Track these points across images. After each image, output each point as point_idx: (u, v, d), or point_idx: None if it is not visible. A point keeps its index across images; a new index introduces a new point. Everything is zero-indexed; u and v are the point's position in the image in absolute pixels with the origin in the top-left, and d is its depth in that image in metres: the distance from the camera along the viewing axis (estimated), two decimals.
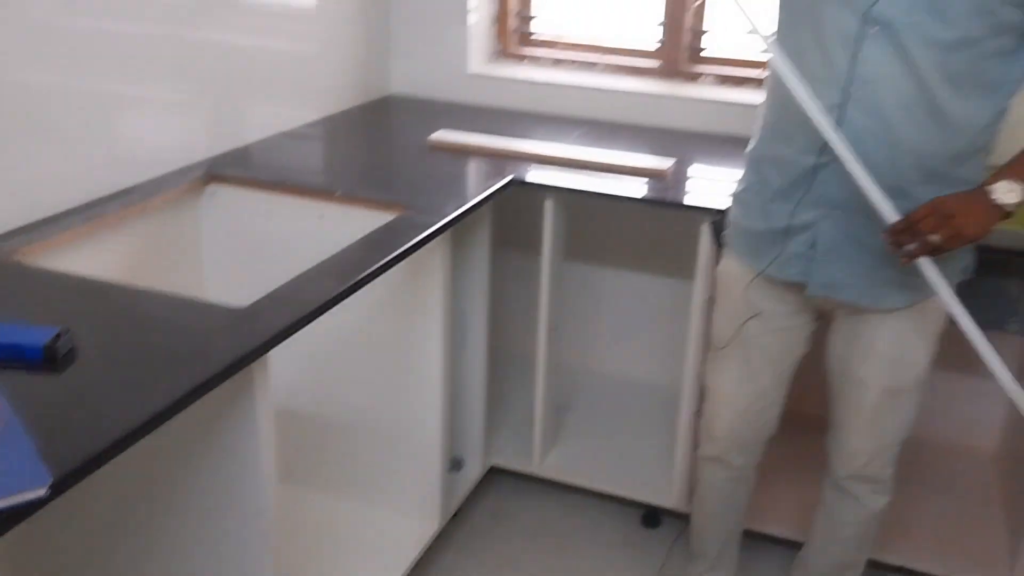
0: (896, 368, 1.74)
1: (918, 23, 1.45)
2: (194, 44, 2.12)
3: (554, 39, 2.91)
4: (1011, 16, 1.44)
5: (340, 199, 2.06)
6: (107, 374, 1.29)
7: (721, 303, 1.87)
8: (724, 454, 1.96)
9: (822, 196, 1.60)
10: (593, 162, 2.27)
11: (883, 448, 1.84)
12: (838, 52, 1.51)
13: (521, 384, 2.71)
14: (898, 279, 1.64)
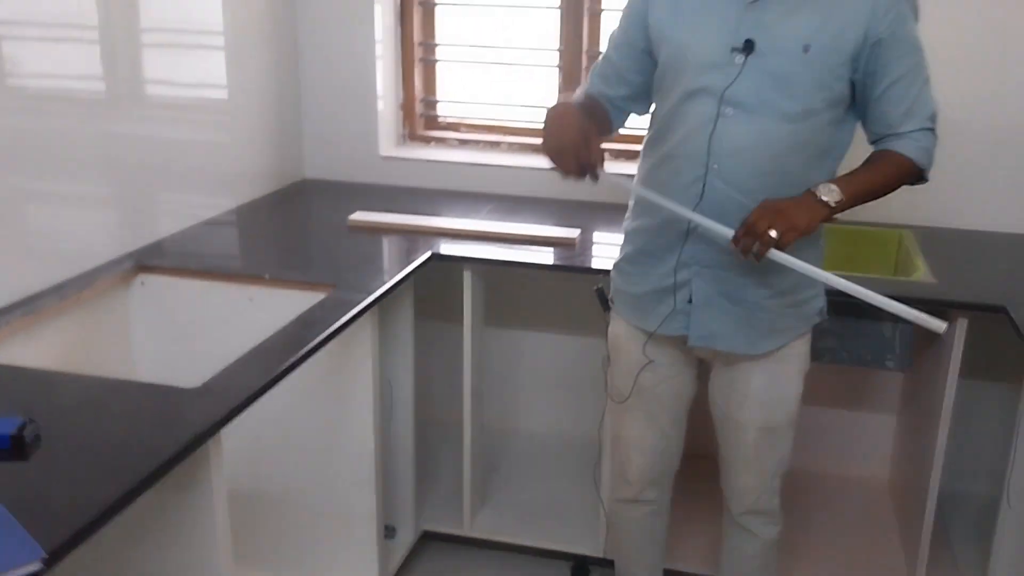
0: (770, 409, 1.92)
1: (767, 101, 1.67)
2: (114, 138, 2.20)
3: (458, 122, 3.10)
4: (842, 90, 1.70)
5: (269, 282, 2.17)
6: (75, 457, 1.36)
7: (616, 361, 2.02)
8: (640, 494, 2.10)
9: (693, 257, 1.79)
10: (507, 234, 2.44)
11: (767, 482, 2.00)
12: (699, 132, 1.71)
13: (448, 449, 2.82)
14: (766, 327, 1.83)
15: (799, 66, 1.66)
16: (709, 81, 1.69)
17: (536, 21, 2.96)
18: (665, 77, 1.78)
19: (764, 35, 1.66)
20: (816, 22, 1.65)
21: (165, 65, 2.38)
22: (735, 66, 1.67)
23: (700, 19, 1.71)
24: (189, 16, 2.48)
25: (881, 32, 1.66)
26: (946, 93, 2.56)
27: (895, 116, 1.74)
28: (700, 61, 1.70)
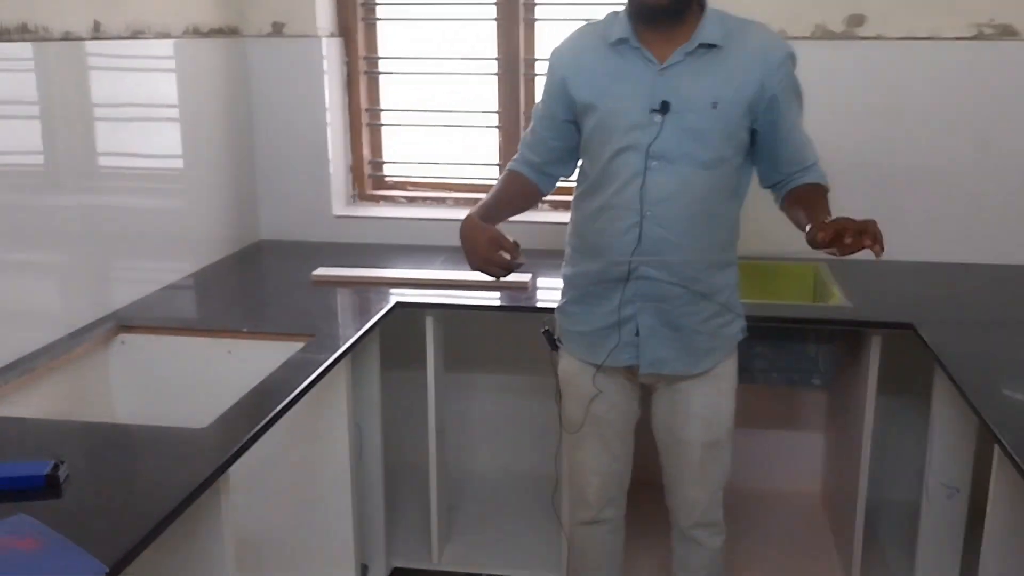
0: (711, 425, 2.13)
1: (685, 152, 1.92)
2: (89, 209, 2.32)
3: (404, 180, 3.30)
4: (745, 137, 1.97)
5: (247, 335, 2.31)
6: (104, 493, 1.49)
7: (568, 394, 2.21)
8: (599, 514, 2.28)
9: (636, 294, 2.00)
10: (464, 281, 2.63)
11: (713, 494, 2.20)
12: (631, 183, 1.94)
13: (414, 489, 2.95)
14: (703, 348, 2.06)
15: (709, 121, 1.91)
16: (635, 139, 1.92)
17: (476, 85, 3.19)
18: (594, 139, 2.00)
19: (677, 96, 1.90)
20: (720, 81, 1.91)
21: (126, 139, 2.49)
22: (655, 124, 1.91)
23: (620, 88, 1.95)
24: (148, 91, 2.61)
25: (776, 86, 1.93)
26: (850, 138, 2.89)
27: (802, 154, 2.03)
28: (626, 123, 1.94)
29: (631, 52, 1.93)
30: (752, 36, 1.96)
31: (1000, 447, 1.73)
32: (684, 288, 1.97)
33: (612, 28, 1.96)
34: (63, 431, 1.74)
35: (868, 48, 2.80)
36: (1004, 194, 2.84)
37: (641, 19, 1.92)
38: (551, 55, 2.08)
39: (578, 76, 1.99)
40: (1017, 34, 2.73)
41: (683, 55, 1.90)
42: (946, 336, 2.24)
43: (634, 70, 1.93)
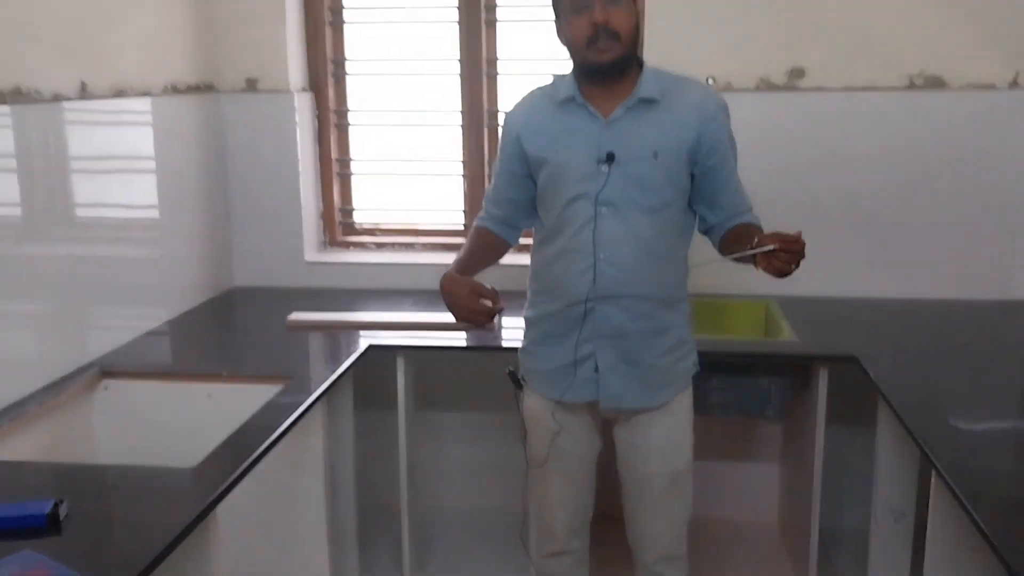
0: (671, 458, 2.25)
1: (632, 198, 2.07)
2: (69, 260, 2.40)
3: (374, 227, 3.43)
4: (686, 183, 2.13)
5: (226, 378, 2.41)
6: (102, 530, 1.58)
7: (532, 431, 2.31)
8: (565, 546, 2.38)
9: (594, 331, 2.14)
10: (433, 323, 2.75)
11: (676, 527, 2.30)
12: (584, 229, 2.09)
13: (386, 527, 3.03)
14: (660, 382, 2.19)
15: (652, 169, 2.07)
16: (585, 188, 2.07)
17: (441, 135, 3.34)
18: (548, 190, 2.15)
19: (621, 147, 2.06)
20: (660, 133, 2.07)
21: (105, 191, 2.59)
22: (603, 174, 2.06)
23: (570, 141, 2.10)
24: (127, 145, 2.72)
25: (712, 135, 2.10)
26: (794, 183, 3.06)
27: (737, 200, 2.18)
28: (576, 174, 2.09)
29: (578, 109, 2.10)
30: (687, 90, 2.13)
31: (936, 472, 1.87)
32: (639, 325, 2.12)
33: (559, 89, 2.12)
34: (58, 472, 1.83)
35: (809, 99, 2.99)
36: (939, 234, 3.02)
37: (586, 78, 2.09)
38: (505, 117, 2.24)
39: (531, 134, 2.15)
40: (946, 84, 2.93)
41: (625, 110, 2.07)
42: (887, 367, 2.40)
43: (581, 125, 2.09)
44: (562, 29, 2.07)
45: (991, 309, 2.97)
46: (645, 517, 2.29)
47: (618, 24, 1.98)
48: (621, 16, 1.98)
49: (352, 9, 3.30)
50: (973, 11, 2.87)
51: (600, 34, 1.98)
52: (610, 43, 1.99)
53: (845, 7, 2.92)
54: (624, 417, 2.24)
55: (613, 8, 1.97)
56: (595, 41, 1.99)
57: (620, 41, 2.00)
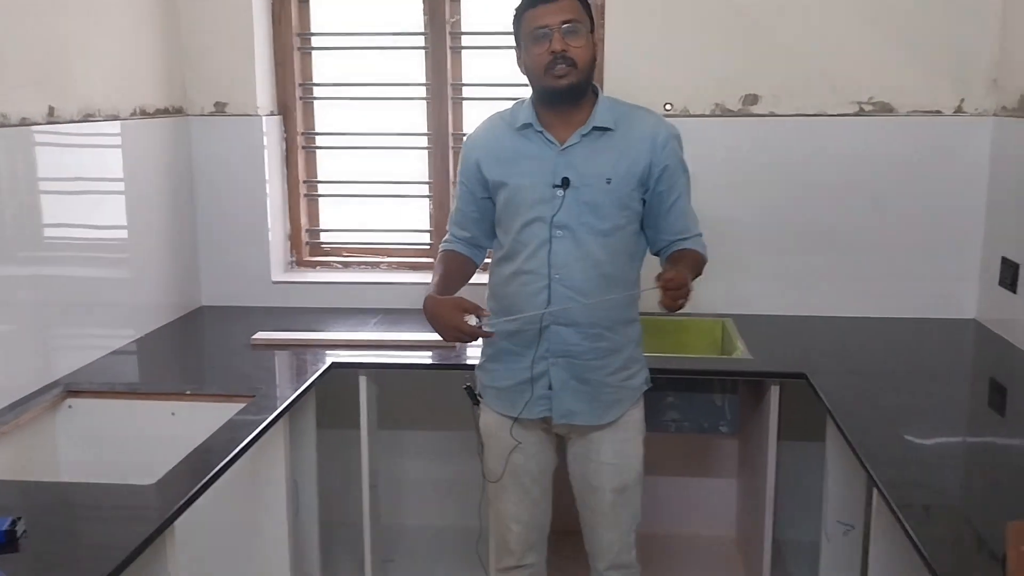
0: (620, 471, 2.32)
1: (585, 222, 2.16)
2: (34, 280, 2.44)
3: (340, 247, 3.48)
4: (638, 207, 2.22)
5: (190, 397, 2.46)
6: (60, 547, 1.63)
7: (489, 446, 2.38)
8: (521, 560, 2.43)
9: (548, 350, 2.22)
10: (395, 342, 2.81)
11: (625, 536, 2.37)
12: (540, 251, 2.17)
13: (348, 544, 3.08)
14: (610, 399, 2.26)
15: (604, 194, 2.16)
16: (541, 212, 2.16)
17: (408, 157, 3.40)
18: (506, 213, 2.23)
19: (575, 173, 2.15)
20: (613, 159, 2.16)
21: (73, 212, 2.63)
22: (558, 198, 2.15)
23: (527, 166, 2.19)
24: (96, 167, 2.76)
25: (663, 162, 2.19)
26: (747, 206, 3.15)
27: (683, 224, 2.26)
28: (532, 198, 2.17)
29: (535, 135, 2.19)
30: (640, 119, 2.22)
31: (876, 486, 1.93)
32: (591, 344, 2.19)
33: (518, 115, 2.21)
34: (18, 490, 1.88)
35: (763, 124, 3.08)
36: (888, 254, 3.12)
37: (544, 104, 2.18)
38: (465, 142, 2.32)
39: (489, 158, 2.23)
40: (893, 110, 3.03)
41: (580, 137, 2.16)
42: (835, 384, 2.48)
43: (538, 150, 2.18)
44: (522, 57, 2.17)
45: (937, 327, 3.06)
46: (596, 527, 2.36)
47: (575, 53, 2.08)
48: (578, 45, 2.09)
49: (320, 35, 3.37)
50: (920, 41, 2.98)
51: (558, 60, 2.07)
52: (567, 69, 2.08)
53: (797, 37, 3.02)
54: (577, 433, 2.30)
55: (571, 38, 2.08)
56: (553, 67, 2.08)
57: (577, 68, 2.09)
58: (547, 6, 2.09)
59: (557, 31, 2.07)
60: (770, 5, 3.01)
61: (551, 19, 2.08)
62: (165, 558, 1.79)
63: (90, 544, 1.65)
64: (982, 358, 2.91)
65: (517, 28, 2.17)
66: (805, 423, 2.91)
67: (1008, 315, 2.87)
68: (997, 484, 1.97)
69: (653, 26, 3.06)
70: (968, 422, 2.41)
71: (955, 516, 1.83)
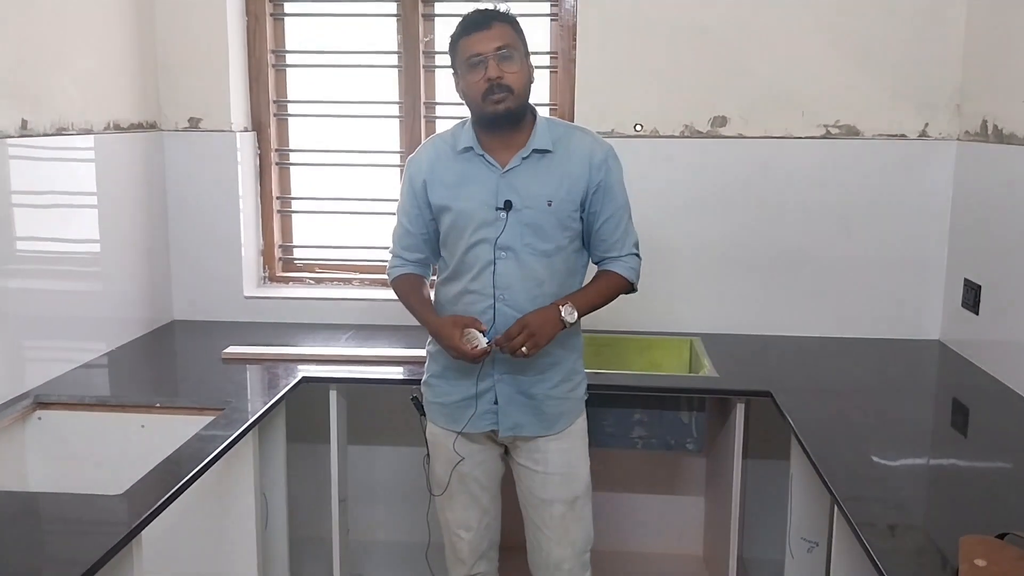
0: (568, 482, 2.35)
1: (528, 243, 2.21)
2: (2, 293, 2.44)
3: (312, 263, 3.50)
4: (578, 227, 2.27)
5: (160, 409, 2.46)
6: (22, 554, 1.63)
7: (435, 457, 2.41)
8: (472, 568, 2.46)
9: (493, 367, 2.26)
10: (366, 357, 2.83)
11: (578, 554, 2.39)
12: (484, 272, 2.22)
13: (316, 558, 3.08)
14: (555, 413, 2.31)
15: (546, 216, 2.21)
16: (485, 234, 2.21)
17: (379, 175, 3.43)
18: (451, 235, 2.27)
19: (517, 196, 2.20)
20: (554, 182, 2.21)
21: (45, 225, 2.63)
22: (501, 220, 2.20)
23: (470, 189, 2.23)
24: (68, 181, 2.76)
25: (598, 182, 2.24)
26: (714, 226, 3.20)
27: (610, 243, 2.30)
28: (476, 221, 2.22)
29: (476, 158, 2.23)
30: (577, 140, 2.27)
31: (836, 503, 1.97)
32: (534, 360, 2.23)
33: (459, 138, 2.26)
34: None
35: (731, 145, 3.13)
36: (853, 275, 3.17)
37: (483, 127, 2.22)
38: (409, 164, 2.34)
39: (434, 181, 2.27)
40: (860, 134, 3.09)
41: (520, 160, 2.21)
42: (799, 402, 2.51)
43: (480, 174, 2.22)
44: (460, 84, 2.22)
45: (901, 347, 3.11)
46: (546, 542, 2.38)
47: (511, 79, 2.14)
48: (513, 71, 2.14)
49: (295, 52, 3.40)
50: (886, 66, 3.04)
51: (494, 88, 2.12)
52: (504, 95, 2.13)
53: (764, 60, 3.08)
54: (522, 442, 2.34)
55: (505, 64, 2.13)
56: (490, 94, 2.13)
57: (513, 93, 2.15)
58: (480, 34, 2.14)
59: (492, 58, 2.12)
60: (739, 29, 3.07)
61: (484, 46, 2.13)
62: (132, 569, 1.79)
63: (56, 554, 1.65)
64: (945, 378, 2.96)
65: (453, 56, 2.21)
66: (770, 441, 2.95)
67: (971, 336, 2.93)
68: (957, 501, 2.00)
69: (623, 47, 3.11)
70: (931, 441, 2.45)
71: (915, 532, 1.87)
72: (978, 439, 2.45)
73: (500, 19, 2.17)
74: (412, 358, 2.84)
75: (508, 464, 2.43)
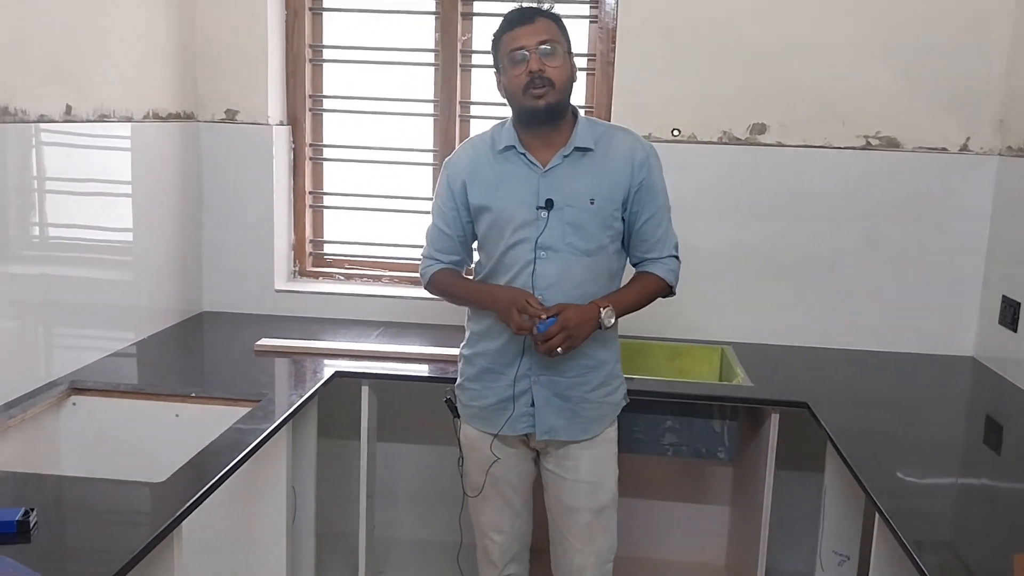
0: (595, 491, 2.33)
1: (569, 243, 2.19)
2: (34, 279, 2.41)
3: (343, 259, 3.49)
4: (619, 227, 2.25)
5: (195, 399, 2.45)
6: (70, 537, 1.62)
7: (469, 459, 2.40)
8: (503, 571, 2.45)
9: (530, 370, 2.25)
10: (400, 354, 2.82)
11: (601, 563, 2.37)
12: (524, 271, 2.21)
13: (340, 554, 3.07)
14: (591, 417, 2.29)
15: (588, 214, 2.19)
16: (526, 234, 2.19)
17: (412, 172, 3.42)
18: (490, 236, 2.26)
19: (559, 194, 2.18)
20: (595, 180, 2.20)
21: (80, 213, 2.63)
22: (542, 220, 2.18)
23: (510, 188, 2.21)
24: (105, 169, 2.76)
25: (640, 181, 2.23)
26: (750, 233, 3.17)
27: (651, 244, 2.29)
28: (516, 221, 2.20)
29: (516, 158, 2.22)
30: (618, 139, 2.26)
31: (880, 514, 1.95)
32: (572, 362, 2.22)
33: (499, 138, 2.25)
34: (27, 482, 1.87)
35: (769, 153, 3.11)
36: (889, 288, 3.15)
37: (524, 125, 2.21)
38: (446, 166, 2.33)
39: (474, 182, 2.25)
40: (900, 145, 3.07)
41: (561, 158, 2.20)
42: (836, 414, 2.49)
43: (520, 173, 2.21)
44: (502, 80, 2.21)
45: (932, 362, 3.09)
46: (570, 550, 2.36)
47: (552, 73, 2.13)
48: (555, 66, 2.13)
49: (332, 47, 3.40)
50: (929, 79, 3.02)
51: (535, 80, 2.11)
52: (545, 88, 2.12)
53: (807, 69, 3.06)
54: (553, 448, 2.32)
55: (548, 58, 2.13)
56: (531, 87, 2.12)
57: (555, 88, 2.14)
58: (523, 28, 2.14)
59: (534, 52, 2.12)
60: (781, 37, 3.05)
61: (527, 40, 2.12)
62: (172, 557, 1.78)
63: (102, 538, 1.63)
64: (982, 395, 2.92)
65: (496, 52, 2.21)
66: (799, 453, 2.93)
67: (1008, 354, 2.90)
68: (1001, 519, 1.98)
69: (664, 52, 3.10)
70: (971, 458, 2.42)
71: (963, 549, 1.84)
72: (1014, 458, 2.43)
73: (544, 15, 2.17)
74: (444, 356, 2.82)
75: (538, 468, 2.41)
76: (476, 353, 2.32)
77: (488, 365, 2.28)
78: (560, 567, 2.40)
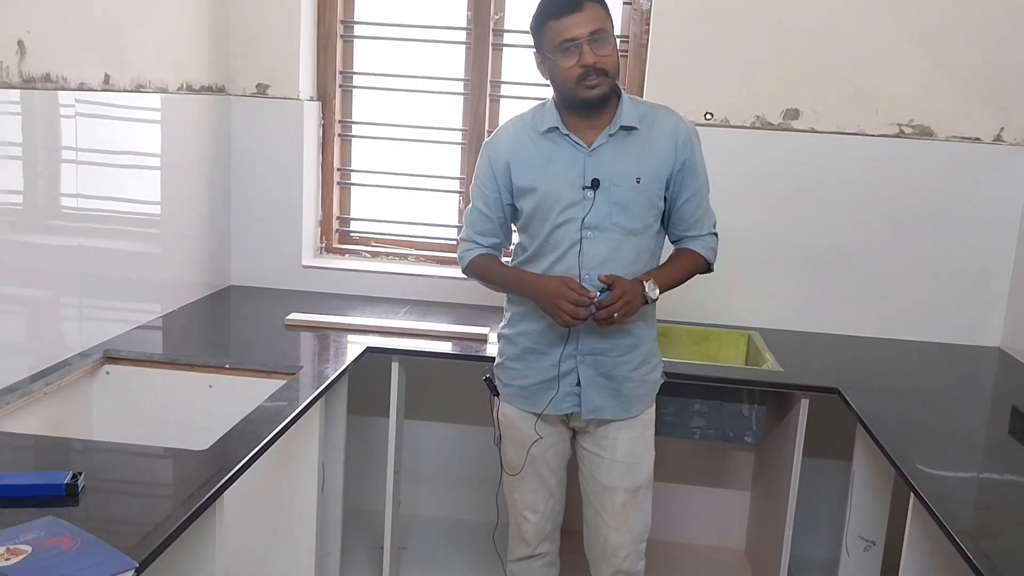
0: (632, 471, 2.33)
1: (616, 222, 2.18)
2: (64, 250, 2.39)
3: (369, 236, 3.49)
4: (662, 205, 2.25)
5: (229, 370, 2.45)
6: (117, 501, 1.63)
7: (508, 438, 2.39)
8: (535, 549, 2.45)
9: (577, 348, 2.24)
10: (429, 331, 2.82)
11: (634, 544, 2.37)
12: (570, 251, 2.19)
13: (366, 529, 3.08)
14: (634, 395, 2.29)
15: (634, 193, 2.18)
16: (572, 214, 2.18)
17: (441, 151, 3.42)
18: (535, 217, 2.23)
19: (605, 174, 2.17)
20: (641, 160, 2.19)
21: (115, 184, 2.63)
22: (588, 199, 2.17)
23: (556, 168, 2.20)
24: (134, 140, 2.74)
25: (683, 160, 2.22)
26: (781, 218, 3.16)
27: (691, 223, 2.29)
28: (563, 201, 2.19)
29: (561, 138, 2.20)
30: (661, 118, 2.25)
31: (916, 497, 1.95)
32: (617, 340, 2.23)
33: (542, 118, 2.22)
34: (68, 447, 1.88)
35: (801, 139, 3.10)
36: (919, 277, 3.14)
37: (570, 109, 2.19)
38: (486, 148, 2.30)
39: (518, 163, 2.23)
40: (933, 134, 3.06)
41: (607, 137, 2.19)
42: (867, 401, 2.49)
43: (566, 153, 2.20)
44: (546, 65, 2.17)
45: (959, 352, 3.09)
46: (604, 529, 2.36)
47: (605, 63, 2.11)
48: (607, 53, 2.11)
49: (364, 24, 3.39)
50: (963, 67, 3.01)
51: (590, 73, 2.09)
52: (600, 79, 2.10)
53: (842, 55, 3.05)
54: (593, 427, 2.32)
55: (599, 47, 2.09)
56: (585, 79, 2.10)
57: (608, 76, 2.12)
58: (572, 17, 2.08)
59: (586, 43, 2.08)
60: (817, 22, 3.04)
61: (578, 31, 2.08)
62: (214, 523, 1.79)
63: (147, 502, 1.64)
64: (1008, 386, 2.91)
65: (539, 37, 2.16)
66: (826, 439, 2.94)
67: None
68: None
69: (698, 35, 3.09)
70: (995, 448, 2.41)
71: (1006, 536, 1.84)
72: None
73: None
74: (473, 335, 2.83)
75: (574, 448, 2.41)
76: (519, 333, 2.31)
77: (532, 345, 2.28)
78: (594, 547, 2.41)
